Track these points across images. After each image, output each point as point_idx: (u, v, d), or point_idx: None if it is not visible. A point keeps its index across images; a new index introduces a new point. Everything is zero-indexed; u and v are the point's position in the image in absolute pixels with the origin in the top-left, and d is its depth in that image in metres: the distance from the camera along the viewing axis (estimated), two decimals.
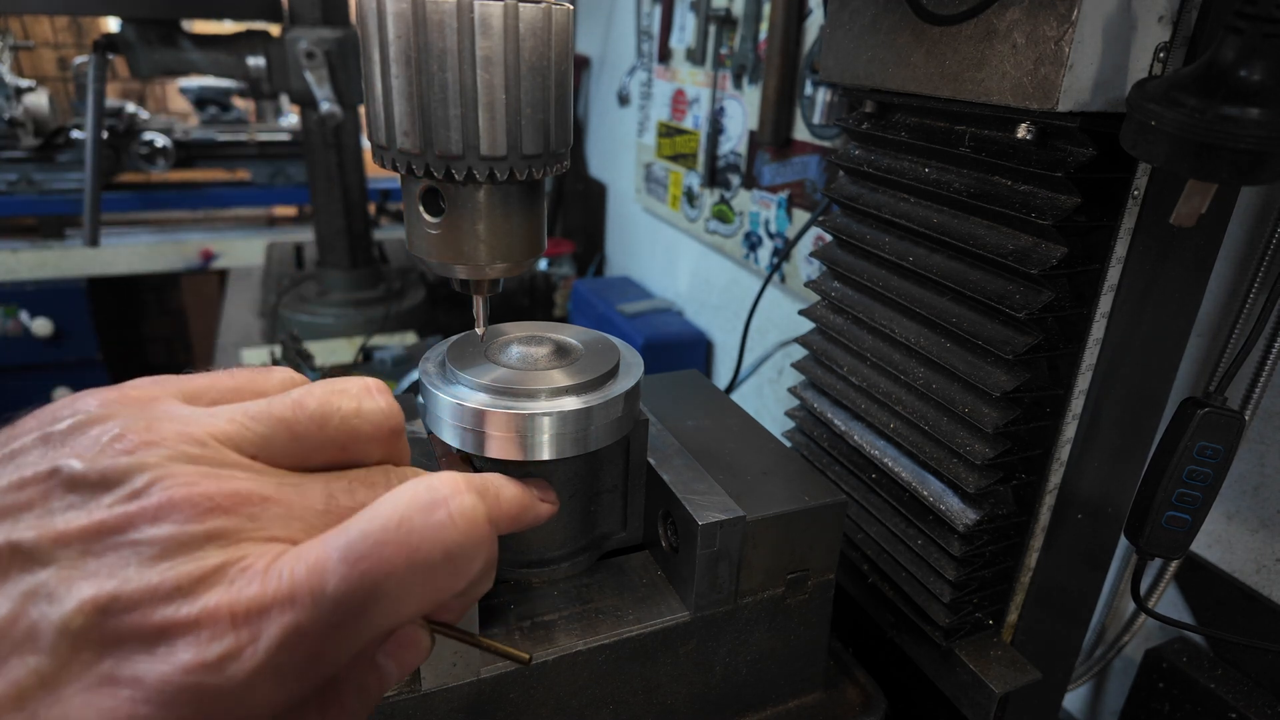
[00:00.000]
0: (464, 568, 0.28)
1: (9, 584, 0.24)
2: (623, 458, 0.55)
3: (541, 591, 0.53)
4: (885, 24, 0.61)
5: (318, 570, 0.25)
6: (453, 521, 0.28)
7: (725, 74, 1.67)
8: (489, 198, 0.46)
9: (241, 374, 0.33)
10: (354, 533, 0.26)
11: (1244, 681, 0.77)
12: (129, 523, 0.25)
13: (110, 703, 0.23)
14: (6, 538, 0.24)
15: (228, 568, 0.25)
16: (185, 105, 3.03)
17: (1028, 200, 0.54)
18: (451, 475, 0.29)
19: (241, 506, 0.26)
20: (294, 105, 2.48)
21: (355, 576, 0.25)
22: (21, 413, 0.28)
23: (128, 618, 0.23)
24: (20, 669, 0.22)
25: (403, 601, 0.27)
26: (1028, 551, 0.64)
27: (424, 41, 0.40)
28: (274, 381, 0.33)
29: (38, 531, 0.24)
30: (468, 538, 0.28)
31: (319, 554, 0.26)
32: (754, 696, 0.58)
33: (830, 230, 0.73)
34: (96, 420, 0.27)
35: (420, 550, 0.27)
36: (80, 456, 0.26)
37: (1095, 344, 0.57)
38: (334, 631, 0.25)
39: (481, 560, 0.29)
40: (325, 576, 0.25)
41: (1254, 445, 0.75)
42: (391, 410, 0.32)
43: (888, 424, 0.68)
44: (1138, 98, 0.43)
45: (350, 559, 0.26)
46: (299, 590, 0.25)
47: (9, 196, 2.38)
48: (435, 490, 0.28)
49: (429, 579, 0.27)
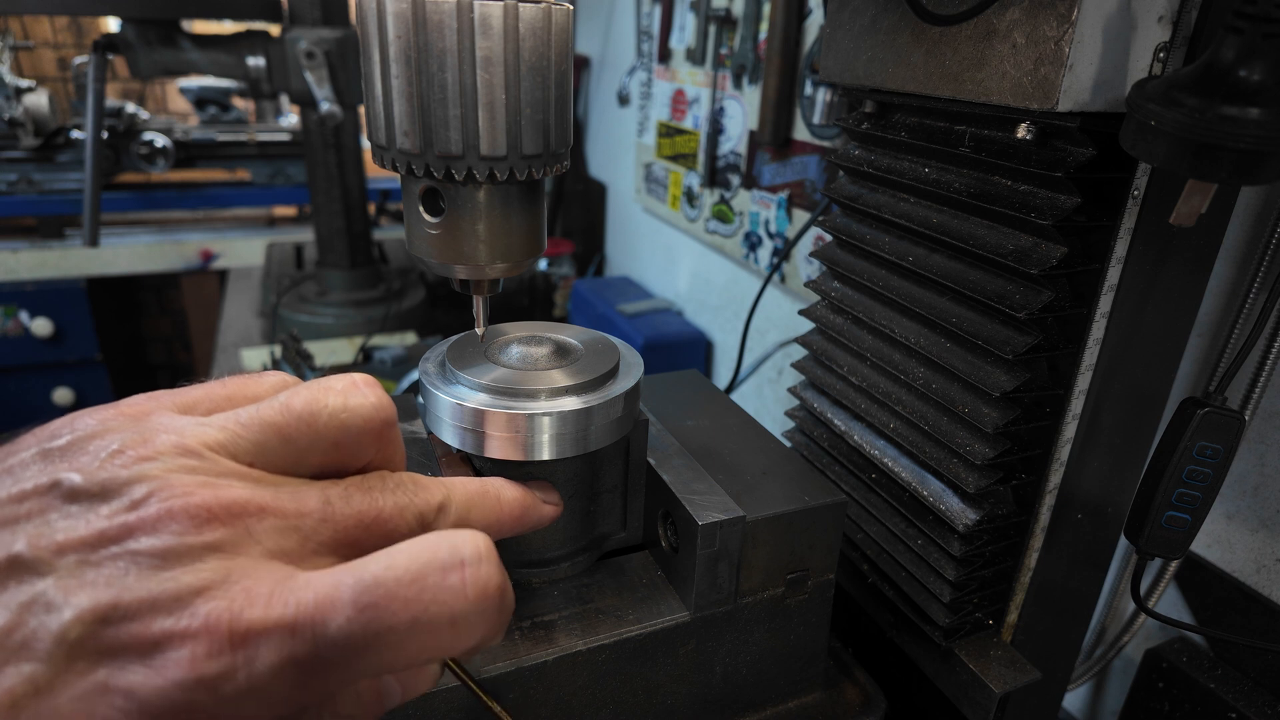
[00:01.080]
0: (465, 635, 0.28)
1: (7, 594, 0.24)
2: (623, 458, 0.55)
3: (541, 591, 0.53)
4: (885, 24, 0.61)
5: (324, 606, 0.25)
6: (464, 589, 0.27)
7: (725, 74, 1.67)
8: (489, 198, 0.46)
9: (234, 382, 0.33)
10: (368, 577, 0.26)
11: (1244, 681, 0.77)
12: (128, 533, 0.25)
13: (104, 711, 0.23)
14: (6, 549, 0.24)
15: (228, 583, 0.25)
16: (185, 105, 3.03)
17: (1027, 200, 0.54)
18: (475, 538, 0.29)
19: (239, 517, 0.27)
20: (294, 105, 2.48)
21: (360, 620, 0.25)
22: (19, 431, 0.28)
23: (126, 627, 0.24)
24: (15, 676, 0.22)
25: (401, 652, 0.26)
26: (1027, 551, 0.64)
27: (424, 41, 0.40)
28: (265, 386, 0.33)
29: (37, 542, 0.24)
30: (475, 609, 0.28)
31: (329, 590, 0.26)
32: (754, 696, 0.58)
33: (830, 230, 0.73)
34: (95, 435, 0.27)
35: (428, 611, 0.26)
36: (80, 470, 0.26)
37: (1095, 344, 0.57)
38: (328, 667, 0.25)
39: (483, 630, 0.28)
40: (331, 614, 0.25)
41: (1254, 445, 0.75)
42: (380, 403, 0.32)
43: (887, 424, 0.68)
44: (1137, 97, 0.43)
45: (360, 604, 0.25)
46: (302, 622, 0.25)
47: (9, 196, 2.38)
48: (457, 551, 0.28)
49: (431, 638, 0.27)
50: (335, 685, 0.26)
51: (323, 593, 0.25)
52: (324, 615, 0.25)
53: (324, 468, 0.32)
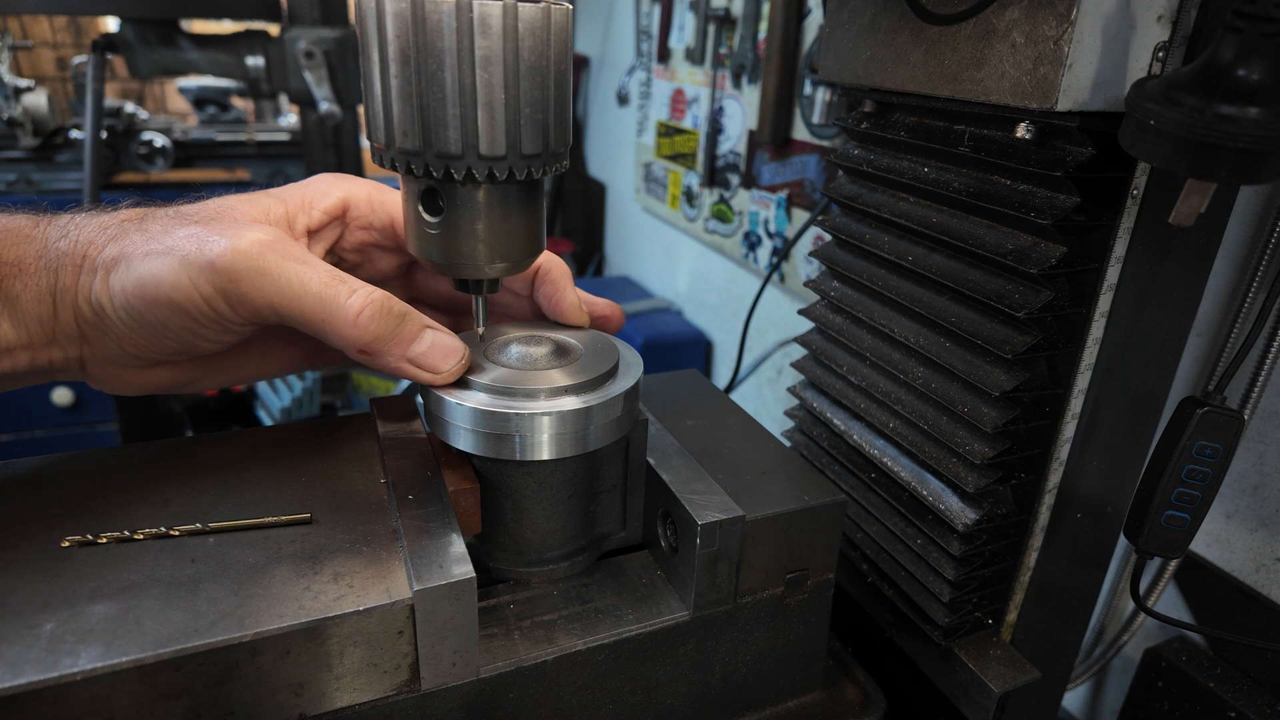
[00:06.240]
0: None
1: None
2: (622, 457, 0.55)
3: (541, 591, 0.53)
4: (884, 23, 0.61)
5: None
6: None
7: (724, 73, 1.67)
8: (488, 197, 0.46)
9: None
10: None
11: (1243, 680, 0.77)
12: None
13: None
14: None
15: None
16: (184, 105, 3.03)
17: (1027, 199, 0.54)
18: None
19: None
20: (293, 105, 2.48)
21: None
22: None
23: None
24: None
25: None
26: (1027, 551, 0.64)
27: (423, 41, 0.40)
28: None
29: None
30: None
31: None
32: (753, 696, 0.58)
33: (829, 230, 0.73)
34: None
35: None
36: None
37: (1094, 343, 0.57)
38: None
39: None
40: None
41: (1253, 444, 0.75)
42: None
43: (887, 423, 0.68)
44: (1137, 97, 0.43)
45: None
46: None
47: (8, 196, 2.38)
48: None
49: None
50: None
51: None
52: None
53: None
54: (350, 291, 0.46)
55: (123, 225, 0.47)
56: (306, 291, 0.45)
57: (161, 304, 0.45)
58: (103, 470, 0.50)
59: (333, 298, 0.45)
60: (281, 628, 0.38)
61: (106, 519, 0.45)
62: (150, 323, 0.46)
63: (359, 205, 0.55)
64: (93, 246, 0.46)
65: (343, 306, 0.45)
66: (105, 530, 0.44)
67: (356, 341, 0.46)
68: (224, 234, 0.45)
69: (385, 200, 0.56)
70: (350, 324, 0.46)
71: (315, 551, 0.44)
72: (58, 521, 0.45)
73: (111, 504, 0.47)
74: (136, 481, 0.49)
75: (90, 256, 0.46)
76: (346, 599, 0.40)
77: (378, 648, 0.41)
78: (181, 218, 0.47)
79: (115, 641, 0.37)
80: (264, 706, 0.40)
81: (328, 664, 0.40)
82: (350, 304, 0.46)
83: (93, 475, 0.49)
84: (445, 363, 0.48)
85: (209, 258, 0.44)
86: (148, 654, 0.36)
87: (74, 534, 0.43)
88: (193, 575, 0.41)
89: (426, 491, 0.48)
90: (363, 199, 0.55)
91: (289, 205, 0.52)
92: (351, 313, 0.45)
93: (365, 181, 0.57)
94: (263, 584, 0.41)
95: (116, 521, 0.45)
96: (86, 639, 0.37)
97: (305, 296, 0.45)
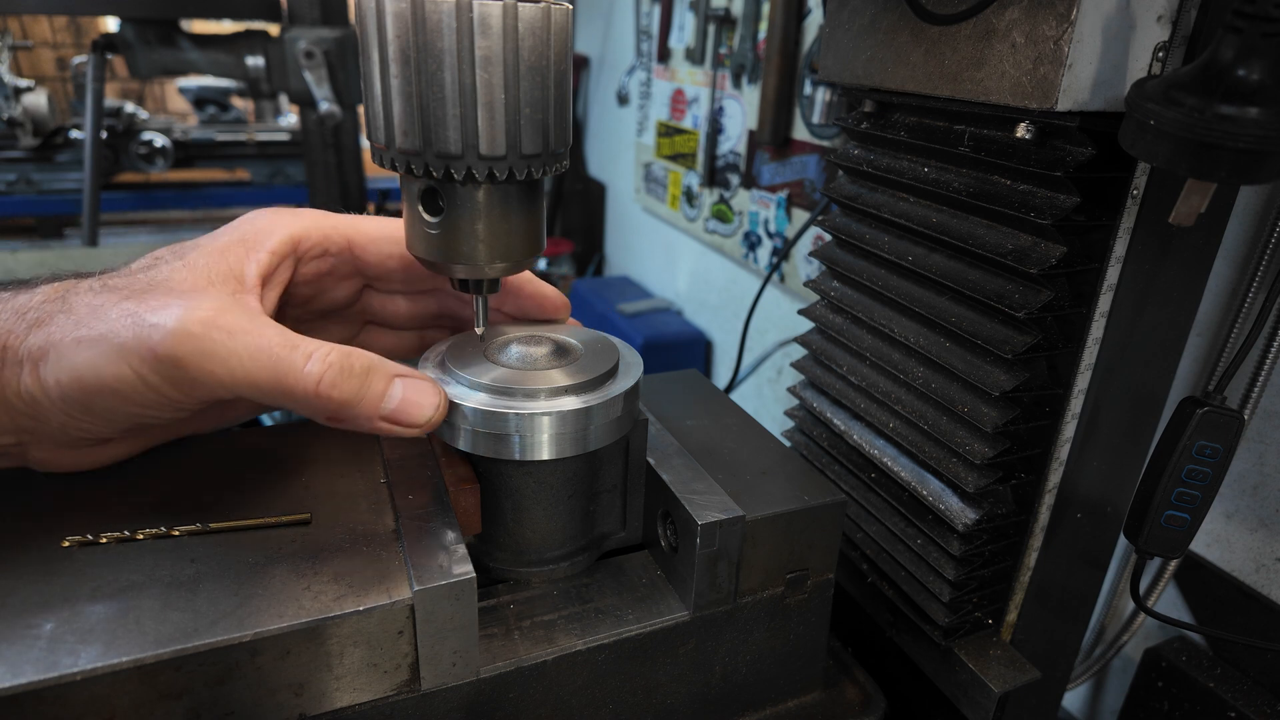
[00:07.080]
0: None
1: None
2: (622, 457, 0.55)
3: (541, 591, 0.53)
4: (884, 23, 0.61)
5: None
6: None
7: (724, 73, 1.67)
8: (488, 197, 0.46)
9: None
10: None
11: (1243, 680, 0.77)
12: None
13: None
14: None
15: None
16: (184, 105, 3.03)
17: (1027, 199, 0.54)
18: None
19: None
20: (293, 105, 2.48)
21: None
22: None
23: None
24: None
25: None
26: (1027, 551, 0.64)
27: (423, 41, 0.40)
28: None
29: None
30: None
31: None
32: (753, 696, 0.58)
33: (829, 230, 0.73)
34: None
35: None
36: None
37: (1094, 343, 0.57)
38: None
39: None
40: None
41: (1253, 444, 0.75)
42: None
43: (887, 423, 0.68)
44: (1137, 97, 0.43)
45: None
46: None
47: (8, 196, 2.38)
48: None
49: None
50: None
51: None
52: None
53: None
54: (306, 356, 0.43)
55: (43, 308, 0.43)
56: (259, 367, 0.42)
57: (105, 394, 0.41)
58: (103, 470, 0.50)
59: (288, 370, 0.42)
60: (281, 628, 0.38)
61: (106, 519, 0.45)
62: (95, 409, 0.43)
63: (310, 236, 0.52)
64: (13, 336, 0.42)
65: (301, 377, 0.42)
66: (105, 530, 0.44)
67: (322, 412, 0.44)
68: (161, 313, 0.41)
69: (337, 224, 0.54)
70: (312, 394, 0.42)
71: (315, 551, 0.44)
72: (58, 521, 0.45)
73: (111, 504, 0.47)
74: (136, 481, 0.49)
75: (12, 347, 0.42)
76: (346, 599, 0.40)
77: (378, 648, 0.41)
78: (110, 292, 0.43)
79: (115, 641, 0.37)
80: (264, 706, 0.40)
81: (328, 664, 0.40)
82: (308, 372, 0.42)
83: (93, 475, 0.49)
84: (421, 414, 0.45)
85: (149, 345, 0.40)
86: (148, 654, 0.36)
87: (74, 534, 0.43)
88: (193, 575, 0.41)
89: (426, 491, 0.48)
90: (312, 229, 0.53)
91: (229, 259, 0.48)
92: (311, 382, 0.42)
93: (308, 211, 0.54)
94: (263, 584, 0.41)
95: (116, 521, 0.45)
96: (86, 639, 0.37)
97: (258, 373, 0.42)
